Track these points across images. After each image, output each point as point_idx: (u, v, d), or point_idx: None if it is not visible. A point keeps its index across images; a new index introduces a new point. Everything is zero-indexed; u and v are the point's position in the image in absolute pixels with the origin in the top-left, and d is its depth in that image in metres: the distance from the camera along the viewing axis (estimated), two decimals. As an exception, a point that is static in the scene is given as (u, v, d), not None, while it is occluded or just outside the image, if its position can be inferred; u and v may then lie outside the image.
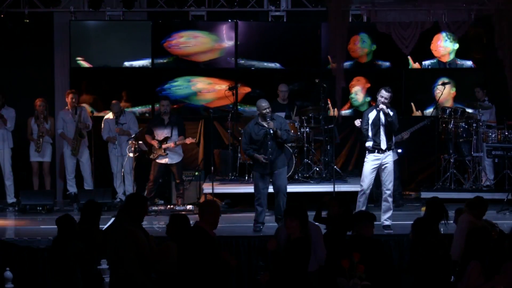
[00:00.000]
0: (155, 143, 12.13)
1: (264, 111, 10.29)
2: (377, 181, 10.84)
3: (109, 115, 12.94)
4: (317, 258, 7.48)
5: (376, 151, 10.37)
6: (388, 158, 10.42)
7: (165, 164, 12.25)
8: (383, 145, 10.37)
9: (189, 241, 6.69)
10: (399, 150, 12.24)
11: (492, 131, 12.48)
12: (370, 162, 10.44)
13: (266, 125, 10.30)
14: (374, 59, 13.63)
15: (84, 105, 13.11)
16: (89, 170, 12.92)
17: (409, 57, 13.44)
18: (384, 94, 10.34)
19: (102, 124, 12.93)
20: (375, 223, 7.82)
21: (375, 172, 10.45)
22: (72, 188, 12.93)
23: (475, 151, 12.54)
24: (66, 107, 12.83)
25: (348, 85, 13.31)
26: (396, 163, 11.63)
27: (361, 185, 10.50)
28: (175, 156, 12.28)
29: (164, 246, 7.21)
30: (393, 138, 10.54)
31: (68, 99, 12.74)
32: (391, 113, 10.35)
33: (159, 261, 7.09)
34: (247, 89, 13.51)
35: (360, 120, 10.69)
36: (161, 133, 12.25)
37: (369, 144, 10.46)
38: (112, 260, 7.22)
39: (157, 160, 12.19)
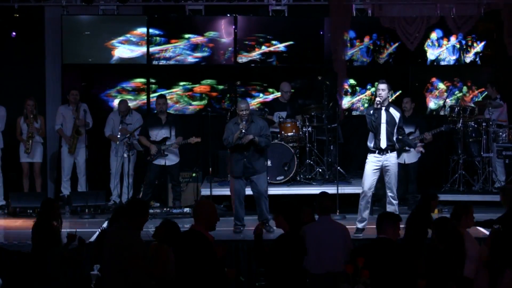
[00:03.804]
0: (153, 147, 11.63)
1: (241, 113, 10.30)
2: (382, 181, 10.39)
3: (116, 112, 12.70)
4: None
5: (377, 151, 9.97)
6: (391, 160, 10.01)
7: (163, 166, 11.82)
8: (383, 144, 9.95)
9: (185, 246, 6.51)
10: (422, 150, 11.84)
11: (502, 131, 12.24)
12: (371, 163, 10.05)
13: (240, 127, 10.25)
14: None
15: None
16: (83, 171, 12.64)
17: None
18: (381, 86, 9.97)
19: (107, 120, 12.72)
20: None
21: (377, 174, 10.04)
22: (66, 190, 12.73)
23: (485, 152, 12.27)
24: (67, 103, 12.68)
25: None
26: (415, 164, 11.84)
27: (362, 187, 10.11)
28: (173, 157, 11.84)
29: (160, 251, 6.95)
30: (395, 138, 10.07)
31: (70, 96, 12.55)
32: (398, 114, 10.01)
33: (158, 267, 6.85)
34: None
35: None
36: (158, 134, 11.77)
37: (370, 143, 10.10)
38: (109, 266, 6.87)
39: (155, 162, 11.73)
